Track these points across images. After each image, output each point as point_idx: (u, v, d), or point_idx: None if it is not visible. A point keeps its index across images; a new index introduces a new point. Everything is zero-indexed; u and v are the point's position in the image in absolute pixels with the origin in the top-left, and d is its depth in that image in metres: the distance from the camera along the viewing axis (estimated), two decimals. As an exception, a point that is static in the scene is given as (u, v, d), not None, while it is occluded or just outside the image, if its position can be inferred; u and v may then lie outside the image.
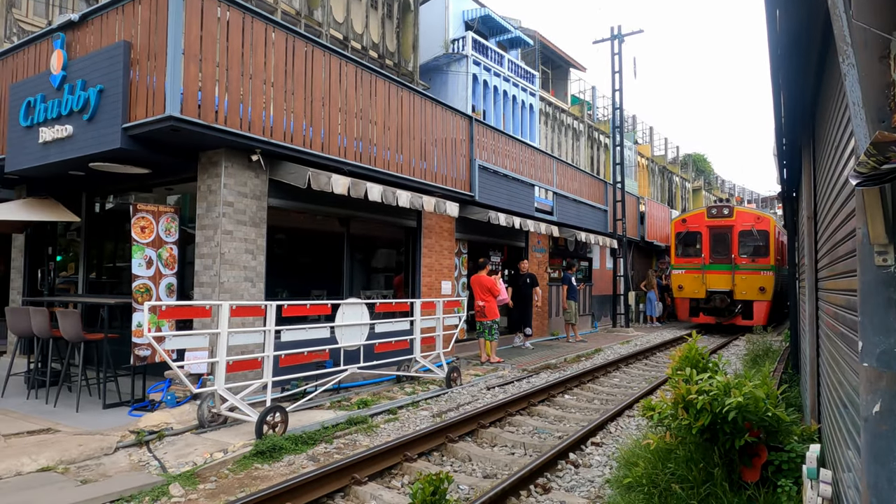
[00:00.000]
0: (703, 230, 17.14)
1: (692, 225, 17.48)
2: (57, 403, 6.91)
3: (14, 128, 7.45)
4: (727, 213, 16.92)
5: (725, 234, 16.79)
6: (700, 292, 16.94)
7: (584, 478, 4.81)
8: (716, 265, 16.79)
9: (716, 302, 16.66)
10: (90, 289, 9.07)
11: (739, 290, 16.37)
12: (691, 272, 17.19)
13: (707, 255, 16.94)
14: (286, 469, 5.02)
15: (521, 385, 8.83)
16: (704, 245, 17.06)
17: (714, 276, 16.81)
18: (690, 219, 17.77)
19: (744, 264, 16.41)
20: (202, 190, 7.04)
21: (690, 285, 17.12)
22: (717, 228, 16.96)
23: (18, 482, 4.58)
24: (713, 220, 17.08)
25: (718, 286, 16.64)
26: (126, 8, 6.53)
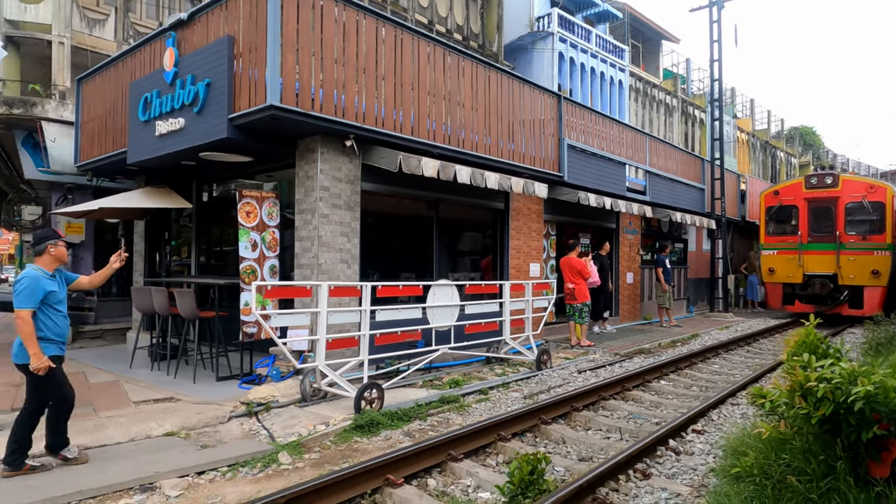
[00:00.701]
0: (799, 203, 14.84)
1: (786, 197, 15.13)
2: (177, 375, 7.54)
3: (134, 122, 8.11)
4: (830, 183, 14.41)
5: (828, 208, 14.38)
6: (796, 276, 14.64)
7: (685, 465, 4.63)
8: (816, 244, 14.45)
9: (815, 288, 14.31)
10: (201, 270, 9.77)
11: (846, 274, 13.93)
12: (785, 252, 14.86)
13: (805, 233, 14.60)
14: (384, 443, 5.20)
15: (614, 369, 8.61)
16: (802, 221, 14.73)
17: (814, 258, 14.46)
18: (784, 190, 15.36)
19: (852, 243, 13.97)
20: (300, 176, 7.35)
21: (784, 268, 14.84)
22: (817, 201, 14.60)
23: (149, 444, 5.05)
24: (813, 191, 14.66)
25: (819, 269, 14.34)
26: (229, 4, 6.88)
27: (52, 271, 4.57)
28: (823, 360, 3.61)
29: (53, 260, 4.59)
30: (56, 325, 4.49)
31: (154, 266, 10.47)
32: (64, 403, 4.58)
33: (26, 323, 4.27)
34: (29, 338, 4.26)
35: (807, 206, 14.75)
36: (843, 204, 14.21)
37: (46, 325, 4.43)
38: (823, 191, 14.54)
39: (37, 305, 4.35)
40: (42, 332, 4.39)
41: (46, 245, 4.56)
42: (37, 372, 4.30)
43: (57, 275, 4.63)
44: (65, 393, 4.57)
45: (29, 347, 4.27)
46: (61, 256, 4.64)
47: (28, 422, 4.41)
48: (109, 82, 9.22)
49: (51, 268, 4.57)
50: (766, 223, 15.59)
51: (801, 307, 14.68)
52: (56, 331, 4.49)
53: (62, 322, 4.57)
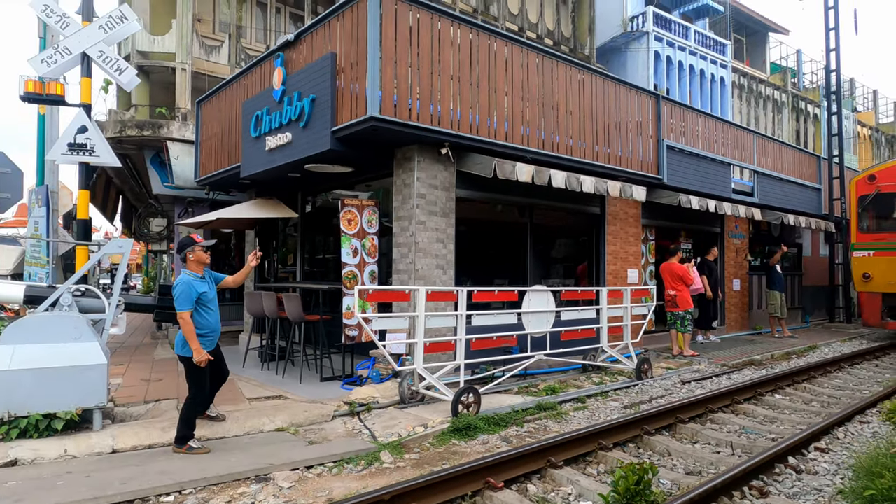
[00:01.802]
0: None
1: (886, 183, 12.08)
2: (284, 375, 8.00)
3: (247, 139, 8.73)
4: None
5: None
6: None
7: (808, 485, 4.27)
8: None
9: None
10: (305, 276, 10.31)
11: None
12: (885, 253, 11.87)
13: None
14: (481, 447, 5.21)
15: (721, 381, 8.12)
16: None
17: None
18: (883, 174, 12.31)
19: None
20: (397, 184, 7.58)
21: (884, 273, 11.83)
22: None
23: (262, 438, 5.38)
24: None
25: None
26: (332, 23, 7.26)
27: (202, 274, 5.13)
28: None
29: (197, 263, 5.15)
30: (209, 321, 5.08)
31: (263, 272, 11.18)
32: (204, 390, 5.19)
33: (187, 323, 4.85)
34: (191, 336, 4.85)
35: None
36: None
37: (200, 322, 5.00)
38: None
39: (193, 307, 4.91)
40: (199, 330, 4.95)
41: (186, 252, 5.15)
42: (199, 364, 4.90)
43: (206, 276, 5.20)
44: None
45: (191, 343, 4.86)
46: (202, 259, 5.18)
47: (193, 406, 5.01)
48: (224, 103, 10.00)
49: (198, 271, 5.13)
50: (859, 217, 12.61)
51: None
52: (210, 326, 5.09)
53: (214, 318, 5.15)
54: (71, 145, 7.05)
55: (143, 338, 13.05)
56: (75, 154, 7.10)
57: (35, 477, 4.26)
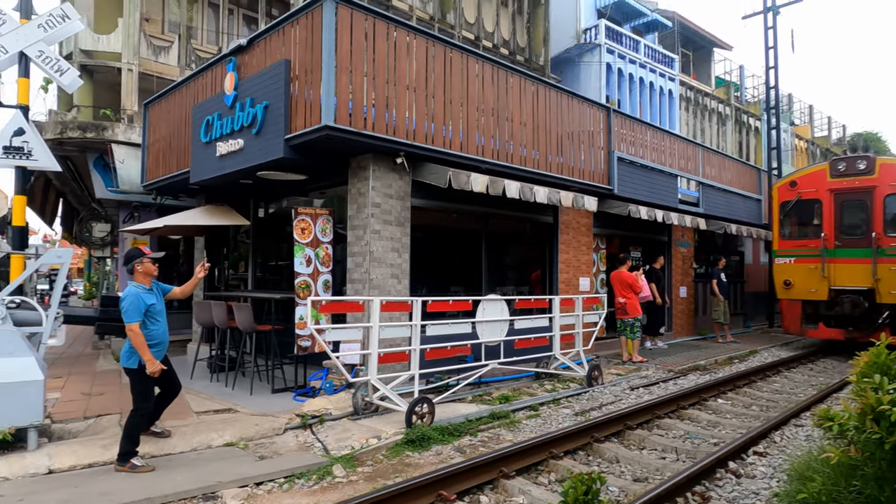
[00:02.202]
0: (823, 196, 11.60)
1: (806, 189, 11.86)
2: (234, 386, 7.81)
3: (196, 144, 8.51)
4: (864, 169, 11.12)
5: (862, 202, 11.13)
6: (819, 291, 11.36)
7: (747, 489, 4.47)
8: (846, 250, 11.23)
9: (844, 307, 10.97)
10: (256, 284, 10.10)
11: (886, 289, 10.59)
12: (804, 261, 11.62)
13: (831, 235, 11.42)
14: (435, 458, 5.22)
15: (668, 387, 8.39)
16: (827, 219, 11.50)
17: (843, 268, 11.22)
18: (804, 180, 12.04)
19: (894, 248, 10.73)
20: (352, 192, 7.54)
21: (803, 281, 11.60)
22: (847, 193, 11.35)
23: (210, 454, 5.24)
24: (841, 179, 11.40)
25: (850, 282, 11.08)
26: (286, 29, 7.17)
27: (149, 285, 5.07)
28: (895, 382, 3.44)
29: (144, 275, 5.09)
30: (158, 333, 5.02)
31: (214, 280, 10.89)
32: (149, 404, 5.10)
33: (137, 335, 4.78)
34: (143, 348, 4.79)
35: (833, 200, 11.51)
36: (881, 196, 10.92)
37: (149, 334, 4.92)
38: (855, 179, 11.24)
39: (142, 318, 4.84)
40: (148, 341, 4.88)
41: (133, 264, 5.09)
42: (153, 375, 4.87)
43: (154, 288, 5.13)
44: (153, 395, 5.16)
45: (144, 355, 4.80)
46: (150, 271, 5.13)
47: (137, 420, 4.90)
48: (173, 106, 9.72)
49: (146, 282, 5.08)
50: (781, 223, 12.39)
51: (825, 332, 11.54)
52: (158, 338, 5.03)
53: (163, 330, 5.09)
54: (6, 149, 6.70)
55: (84, 348, 12.50)
56: (11, 158, 6.76)
57: (-38, 502, 4.03)
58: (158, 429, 5.51)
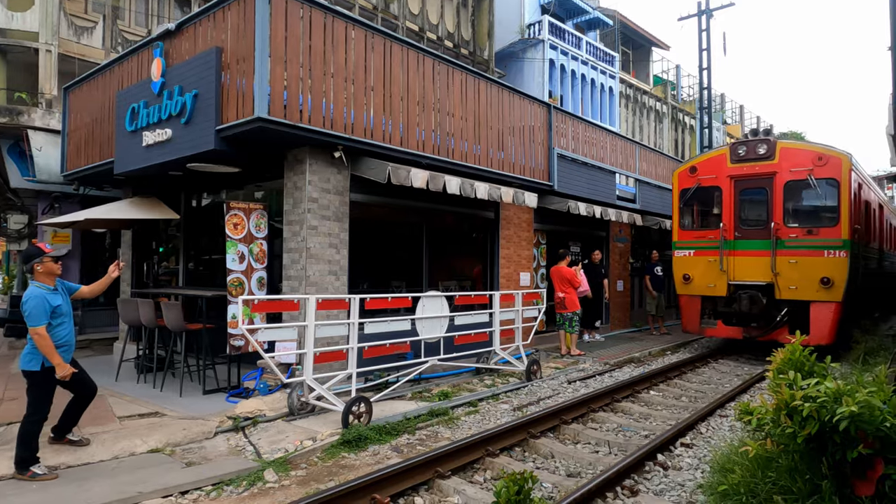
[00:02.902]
0: (723, 183, 10.63)
1: (706, 176, 10.90)
2: (163, 388, 7.46)
3: (121, 132, 8.04)
4: (764, 153, 10.19)
5: (762, 189, 10.29)
6: (718, 287, 10.49)
7: (673, 481, 4.62)
8: (745, 242, 10.36)
9: (742, 304, 10.13)
10: (188, 280, 9.69)
11: (785, 284, 9.82)
12: (704, 253, 10.71)
13: (730, 225, 10.48)
14: (371, 459, 5.15)
15: (604, 379, 8.61)
16: (726, 208, 10.58)
17: (743, 261, 10.34)
18: (704, 165, 11.04)
19: (794, 239, 9.85)
20: (288, 187, 7.31)
21: (703, 275, 10.70)
22: (747, 179, 10.43)
23: (133, 462, 4.98)
24: (741, 165, 10.44)
25: (750, 276, 10.23)
26: (217, 15, 6.85)
27: (53, 285, 4.77)
28: (809, 378, 3.61)
29: (46, 275, 4.78)
30: (64, 335, 4.77)
31: (142, 276, 10.38)
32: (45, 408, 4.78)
33: (43, 338, 4.53)
34: (50, 351, 4.55)
35: (733, 188, 10.56)
36: (781, 182, 10.04)
37: (56, 335, 4.67)
38: (755, 164, 10.30)
39: (48, 321, 4.57)
40: (57, 342, 4.65)
41: (33, 264, 4.76)
42: (63, 379, 4.68)
43: (59, 287, 4.85)
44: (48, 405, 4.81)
45: (52, 359, 4.57)
46: (51, 270, 4.82)
47: (32, 425, 4.64)
48: (96, 91, 9.15)
49: (50, 282, 4.77)
50: (680, 213, 11.36)
51: (724, 330, 10.68)
52: (65, 339, 4.77)
53: (69, 331, 4.83)
54: None
55: None
56: None
57: None
58: (76, 437, 5.20)
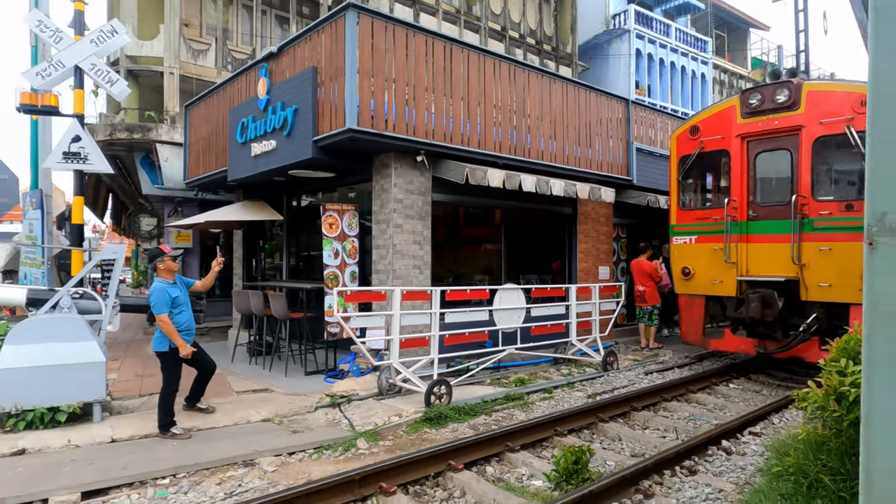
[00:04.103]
0: (732, 145, 8.06)
1: (711, 137, 8.32)
2: (271, 369, 8.47)
3: (233, 144, 9.14)
4: (786, 101, 7.57)
5: (783, 150, 7.68)
6: (725, 283, 8.00)
7: (735, 464, 4.82)
8: (761, 223, 7.82)
9: (751, 307, 7.54)
10: (290, 274, 10.76)
11: (814, 279, 7.24)
12: (708, 239, 8.23)
13: (742, 201, 7.95)
14: (450, 434, 5.72)
15: (682, 372, 8.68)
16: (736, 177, 8.02)
17: (758, 249, 7.85)
18: (708, 124, 8.41)
19: (826, 217, 7.22)
20: (376, 189, 8.04)
21: (706, 268, 8.24)
22: (763, 138, 7.85)
23: (249, 428, 5.87)
24: (755, 120, 7.84)
25: (765, 270, 7.75)
26: (312, 37, 7.68)
27: (173, 280, 5.63)
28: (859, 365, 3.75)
29: (166, 272, 5.74)
30: (183, 321, 5.67)
31: (251, 270, 11.62)
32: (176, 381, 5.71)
33: (167, 324, 5.46)
34: (173, 334, 5.49)
35: (744, 150, 7.99)
36: (808, 139, 7.37)
37: (177, 322, 5.58)
38: (774, 118, 7.65)
39: (168, 309, 5.48)
40: (177, 328, 5.54)
41: (156, 263, 5.75)
42: (186, 357, 5.59)
43: (178, 281, 5.80)
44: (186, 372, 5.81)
45: (175, 341, 5.50)
46: (170, 268, 5.78)
47: (167, 395, 5.55)
48: (212, 108, 10.39)
49: (169, 277, 5.68)
50: (680, 187, 8.79)
51: (732, 342, 8.26)
52: (184, 326, 5.67)
53: (187, 318, 5.74)
54: (66, 154, 7.44)
55: (136, 333, 13.45)
56: (70, 162, 7.49)
57: (42, 464, 4.72)
58: (204, 405, 6.17)
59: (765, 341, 7.89)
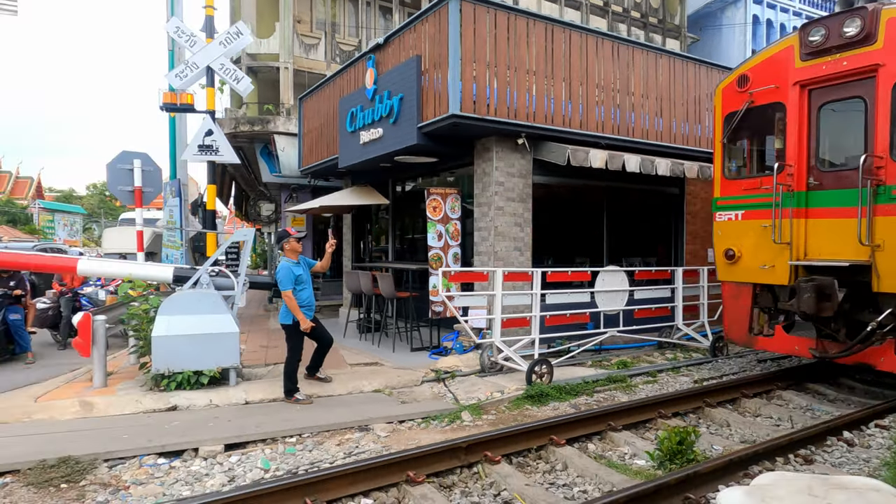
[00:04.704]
0: (788, 96, 6.27)
1: (762, 87, 6.50)
2: (379, 345, 9.00)
3: (343, 133, 9.70)
4: (857, 35, 5.74)
5: (856, 98, 5.91)
6: (778, 269, 6.34)
7: (857, 457, 4.57)
8: (823, 194, 6.12)
9: (803, 299, 5.79)
10: (396, 255, 11.27)
11: (889, 265, 5.54)
12: (757, 214, 6.58)
13: (802, 167, 6.23)
14: (551, 412, 5.85)
15: (801, 361, 8.18)
16: (793, 136, 6.25)
17: (819, 226, 6.14)
18: (759, 72, 6.60)
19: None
20: (478, 173, 8.24)
21: (754, 250, 6.62)
22: (828, 85, 6.06)
23: (362, 397, 6.34)
24: (818, 61, 6.05)
25: (827, 252, 6.07)
26: (417, 27, 7.95)
27: (297, 259, 6.15)
28: None
29: (291, 252, 6.28)
30: (305, 297, 6.21)
31: (360, 252, 12.29)
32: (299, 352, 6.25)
33: (291, 299, 6.02)
34: (296, 309, 6.04)
35: (805, 102, 6.22)
36: (888, 82, 5.60)
37: (299, 298, 6.12)
38: (842, 57, 5.88)
39: (293, 286, 6.02)
40: (299, 303, 6.07)
41: (283, 243, 6.27)
42: (305, 331, 6.10)
43: (301, 261, 6.34)
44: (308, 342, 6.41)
45: (297, 315, 6.05)
46: (295, 248, 6.29)
47: (291, 364, 6.12)
48: (323, 99, 11.04)
49: (294, 257, 6.21)
50: (725, 151, 7.05)
51: (784, 342, 6.60)
52: (305, 302, 6.21)
53: (308, 294, 6.27)
54: (200, 146, 8.29)
55: (258, 309, 14.70)
56: (203, 154, 8.35)
57: (191, 419, 5.43)
58: (322, 375, 6.73)
59: (824, 341, 6.16)
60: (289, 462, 4.55)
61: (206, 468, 4.45)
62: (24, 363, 8.30)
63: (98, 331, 6.41)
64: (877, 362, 5.80)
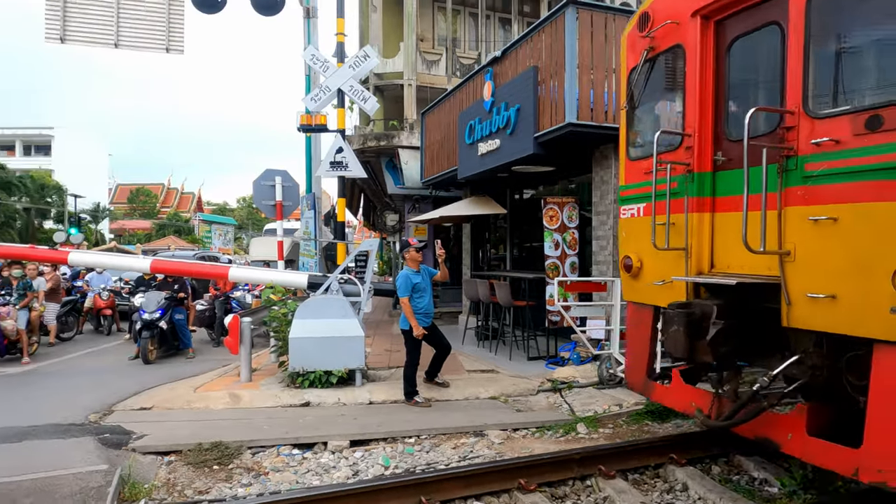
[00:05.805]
0: (687, 35, 4.24)
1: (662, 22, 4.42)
2: (496, 352, 9.12)
3: (462, 145, 9.99)
4: None
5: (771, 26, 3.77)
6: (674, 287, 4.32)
7: None
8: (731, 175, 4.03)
9: (670, 334, 3.95)
10: (513, 264, 11.35)
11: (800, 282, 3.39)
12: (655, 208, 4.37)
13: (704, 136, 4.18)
14: (673, 430, 5.59)
15: None
16: (692, 92, 4.20)
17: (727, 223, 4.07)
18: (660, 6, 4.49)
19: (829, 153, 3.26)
20: (596, 181, 8.09)
21: (652, 259, 4.60)
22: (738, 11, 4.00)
23: (478, 403, 6.49)
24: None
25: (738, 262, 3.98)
26: (533, 38, 8.02)
27: (417, 269, 6.42)
28: None
29: (412, 261, 6.57)
30: (422, 305, 6.48)
31: (478, 261, 12.53)
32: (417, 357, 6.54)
33: (406, 306, 6.34)
34: (410, 315, 6.35)
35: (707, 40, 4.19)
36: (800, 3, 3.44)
37: (416, 305, 6.39)
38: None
39: (409, 294, 6.32)
40: (416, 310, 6.36)
41: (404, 253, 6.58)
42: (418, 337, 6.38)
43: (422, 270, 6.60)
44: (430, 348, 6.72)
45: (411, 321, 6.35)
46: (415, 258, 6.57)
47: (410, 368, 6.44)
48: (443, 114, 11.44)
49: (414, 266, 6.48)
50: (627, 121, 4.99)
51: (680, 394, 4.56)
52: (423, 309, 6.48)
53: (426, 302, 6.52)
54: (332, 163, 8.96)
55: (382, 315, 15.47)
56: (334, 170, 9.01)
57: (321, 415, 5.91)
58: (440, 380, 6.98)
59: (723, 399, 4.13)
60: (407, 461, 4.81)
61: (334, 461, 4.83)
62: (186, 357, 9.49)
63: (245, 331, 7.18)
64: (782, 440, 3.70)
